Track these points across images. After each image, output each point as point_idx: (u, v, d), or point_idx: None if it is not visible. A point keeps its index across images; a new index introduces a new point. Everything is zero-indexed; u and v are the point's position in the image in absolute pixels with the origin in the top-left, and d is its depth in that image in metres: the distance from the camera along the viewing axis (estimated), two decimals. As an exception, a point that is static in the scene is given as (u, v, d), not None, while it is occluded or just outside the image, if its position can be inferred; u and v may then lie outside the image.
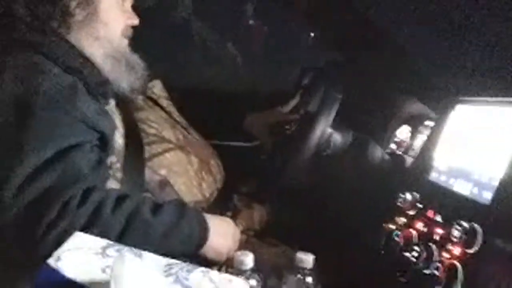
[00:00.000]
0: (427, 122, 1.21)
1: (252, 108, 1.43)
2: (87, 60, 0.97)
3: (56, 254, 0.63)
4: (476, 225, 0.78)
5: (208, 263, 0.91)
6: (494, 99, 0.93)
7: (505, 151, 0.81)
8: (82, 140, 0.87)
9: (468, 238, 0.78)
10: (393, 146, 1.31)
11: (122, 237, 0.80)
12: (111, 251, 0.66)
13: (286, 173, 1.11)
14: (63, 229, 0.75)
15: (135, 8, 1.07)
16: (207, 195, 1.24)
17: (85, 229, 0.75)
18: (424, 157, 1.06)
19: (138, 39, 1.08)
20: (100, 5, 0.98)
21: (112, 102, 1.09)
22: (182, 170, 1.20)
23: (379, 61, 1.33)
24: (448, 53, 1.07)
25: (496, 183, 0.80)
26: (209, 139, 1.37)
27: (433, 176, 1.01)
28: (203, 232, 0.91)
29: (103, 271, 0.62)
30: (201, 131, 1.36)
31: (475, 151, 0.91)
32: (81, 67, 0.95)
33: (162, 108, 1.32)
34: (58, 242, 0.67)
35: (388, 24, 1.28)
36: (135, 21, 1.06)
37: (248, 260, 0.77)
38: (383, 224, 1.04)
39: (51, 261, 0.62)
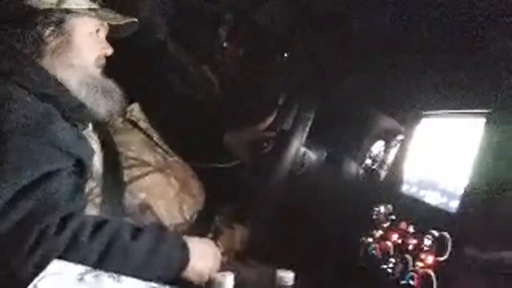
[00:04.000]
0: (399, 137, 1.25)
1: (230, 128, 1.45)
2: (61, 86, 0.98)
3: (33, 282, 0.63)
4: (445, 233, 0.81)
5: (189, 285, 0.91)
6: (455, 111, 0.97)
7: (468, 160, 0.85)
8: (59, 167, 0.87)
9: (438, 246, 0.81)
10: (368, 161, 1.34)
11: (102, 263, 0.79)
12: (88, 278, 0.66)
13: (262, 192, 1.12)
14: (41, 256, 0.75)
15: (109, 38, 1.08)
16: (188, 217, 1.24)
17: (63, 256, 0.75)
18: (396, 170, 1.10)
19: (115, 62, 1.09)
20: (74, 34, 1.00)
21: (90, 126, 1.10)
22: (162, 192, 1.20)
23: (351, 78, 1.38)
24: (413, 69, 1.12)
25: (461, 192, 0.84)
26: (189, 160, 1.37)
27: (405, 188, 1.04)
28: (184, 255, 0.91)
29: (81, 297, 0.63)
30: (180, 153, 1.37)
31: (441, 162, 0.95)
32: (55, 93, 0.95)
33: (141, 130, 1.32)
34: (36, 270, 0.68)
35: (359, 43, 1.33)
36: (109, 51, 1.08)
37: (229, 281, 0.78)
38: (361, 238, 1.06)
39: (28, 289, 0.62)
